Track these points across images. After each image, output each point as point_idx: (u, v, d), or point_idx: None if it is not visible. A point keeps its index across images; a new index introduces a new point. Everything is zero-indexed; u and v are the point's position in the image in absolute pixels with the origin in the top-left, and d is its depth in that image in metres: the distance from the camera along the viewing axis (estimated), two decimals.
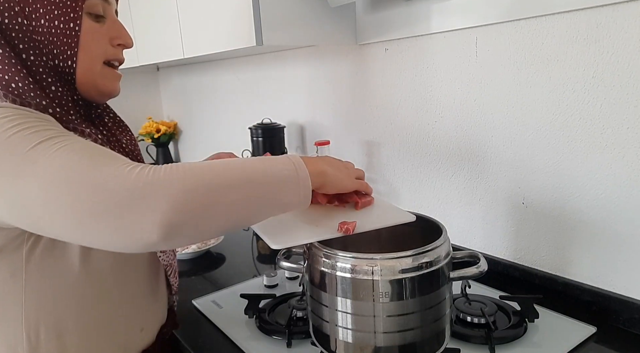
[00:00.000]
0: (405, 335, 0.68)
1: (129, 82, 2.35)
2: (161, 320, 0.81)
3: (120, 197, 0.49)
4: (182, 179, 0.51)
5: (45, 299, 0.63)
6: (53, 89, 0.65)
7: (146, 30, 1.59)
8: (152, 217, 0.49)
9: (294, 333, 0.84)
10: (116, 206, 0.49)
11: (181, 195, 0.50)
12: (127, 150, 0.76)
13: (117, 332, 0.71)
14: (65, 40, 0.64)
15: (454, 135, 1.11)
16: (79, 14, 0.64)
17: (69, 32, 0.64)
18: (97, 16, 0.67)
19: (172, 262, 0.80)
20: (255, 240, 1.43)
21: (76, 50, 0.65)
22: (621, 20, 0.79)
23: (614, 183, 0.85)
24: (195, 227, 0.52)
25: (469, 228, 1.13)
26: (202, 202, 0.52)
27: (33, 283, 0.62)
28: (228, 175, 0.55)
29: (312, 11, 1.17)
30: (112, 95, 0.72)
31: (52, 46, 0.63)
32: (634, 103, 0.81)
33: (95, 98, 0.71)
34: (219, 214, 0.54)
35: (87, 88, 0.68)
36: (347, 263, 0.68)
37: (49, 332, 0.64)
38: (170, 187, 0.50)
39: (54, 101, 0.64)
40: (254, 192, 0.56)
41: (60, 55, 0.64)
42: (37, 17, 0.62)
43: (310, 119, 1.55)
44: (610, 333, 0.85)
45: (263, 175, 0.57)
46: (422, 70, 1.15)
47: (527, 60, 0.94)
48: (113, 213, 0.49)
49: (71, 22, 0.63)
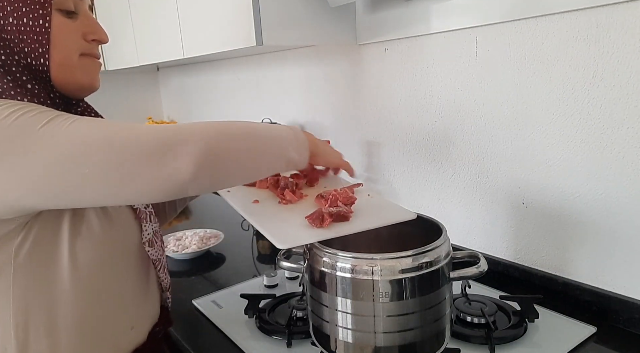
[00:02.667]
0: (405, 335, 0.68)
1: (129, 82, 2.36)
2: (153, 319, 0.80)
3: (155, 146, 0.55)
4: (205, 130, 0.59)
5: (33, 298, 0.63)
6: (29, 87, 0.64)
7: (146, 30, 1.58)
8: (187, 160, 0.55)
9: (294, 333, 0.85)
10: (153, 153, 0.55)
11: (207, 142, 0.58)
12: None
13: (107, 330, 0.70)
14: (36, 38, 0.62)
15: (454, 135, 1.11)
16: (48, 10, 0.63)
17: (38, 30, 0.62)
18: (68, 12, 0.65)
19: (160, 257, 0.80)
20: (255, 240, 1.43)
21: (47, 48, 0.63)
22: (621, 20, 0.79)
23: (614, 183, 0.86)
24: (218, 169, 0.60)
25: (469, 228, 1.13)
26: (223, 147, 0.60)
27: (20, 281, 0.62)
28: (242, 130, 0.64)
29: (312, 11, 1.17)
30: (92, 88, 0.71)
31: (23, 44, 0.62)
32: (634, 103, 0.81)
33: (75, 93, 0.69)
34: (237, 160, 0.62)
35: (64, 83, 0.67)
36: (347, 263, 0.68)
37: (37, 331, 0.64)
38: (197, 135, 0.57)
39: (33, 100, 0.63)
40: (263, 143, 0.65)
41: (31, 53, 0.63)
42: (5, 15, 0.61)
43: (310, 119, 1.56)
44: (610, 333, 0.85)
45: (269, 132, 0.67)
46: (422, 70, 1.15)
47: (527, 60, 0.94)
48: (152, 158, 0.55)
49: (40, 19, 0.62)
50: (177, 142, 0.56)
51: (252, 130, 0.65)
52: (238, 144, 0.62)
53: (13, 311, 0.62)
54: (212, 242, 1.35)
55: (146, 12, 1.55)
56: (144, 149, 0.55)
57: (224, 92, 1.99)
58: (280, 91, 1.66)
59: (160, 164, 0.55)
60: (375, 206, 0.76)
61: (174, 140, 0.56)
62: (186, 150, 0.56)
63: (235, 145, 0.61)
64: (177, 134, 0.57)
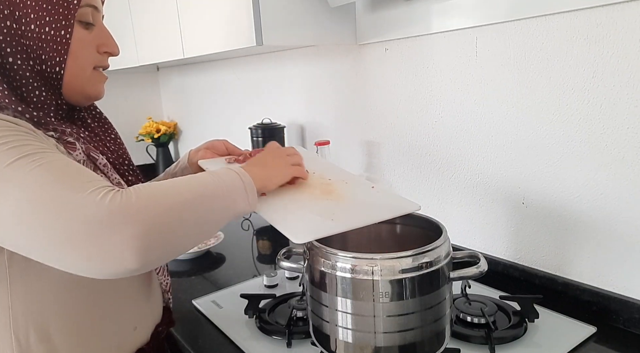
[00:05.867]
0: (405, 335, 0.68)
1: (129, 82, 2.36)
2: (155, 319, 0.80)
3: (96, 226, 0.51)
4: (149, 205, 0.55)
5: (32, 302, 0.63)
6: (37, 93, 0.64)
7: (146, 30, 1.58)
8: (127, 243, 0.52)
9: (294, 333, 0.84)
10: (92, 234, 0.51)
11: (149, 220, 0.54)
12: (112, 149, 0.76)
13: (109, 331, 0.70)
14: (55, 47, 0.63)
15: (454, 135, 1.11)
16: (71, 22, 0.63)
17: (59, 40, 0.63)
18: (87, 24, 0.66)
19: None
20: (255, 240, 1.43)
21: (65, 58, 0.64)
22: (621, 20, 0.79)
23: (614, 183, 0.85)
24: (165, 247, 0.56)
25: (469, 228, 1.13)
26: (168, 223, 0.56)
27: (18, 286, 0.62)
28: (182, 195, 0.59)
29: (312, 11, 1.17)
30: (98, 97, 0.73)
31: (41, 51, 0.63)
32: (634, 103, 0.81)
33: (81, 101, 0.71)
34: (183, 231, 0.58)
35: (73, 93, 0.68)
36: (347, 263, 0.68)
37: (38, 334, 0.64)
38: (139, 213, 0.53)
39: (30, 106, 0.63)
40: (210, 206, 0.62)
41: (48, 61, 0.64)
42: (28, 22, 0.61)
43: (310, 119, 1.56)
44: (610, 333, 0.85)
45: (216, 190, 0.63)
46: (422, 70, 1.15)
47: (527, 60, 0.94)
48: (85, 242, 0.51)
49: (62, 30, 0.63)
50: (114, 224, 0.51)
51: (197, 194, 0.60)
52: (183, 215, 0.58)
53: (13, 317, 0.62)
54: (212, 242, 1.35)
55: (146, 12, 1.56)
56: (83, 227, 0.51)
57: (224, 92, 1.99)
58: (280, 91, 1.66)
59: (92, 247, 0.51)
60: (380, 198, 0.77)
61: (111, 222, 0.51)
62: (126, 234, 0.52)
63: (182, 216, 0.57)
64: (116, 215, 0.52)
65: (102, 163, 0.69)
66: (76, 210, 0.51)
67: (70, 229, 0.51)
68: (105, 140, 0.76)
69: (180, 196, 0.58)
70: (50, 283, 0.64)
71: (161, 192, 0.57)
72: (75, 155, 0.65)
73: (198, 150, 0.91)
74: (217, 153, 0.92)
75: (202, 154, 0.90)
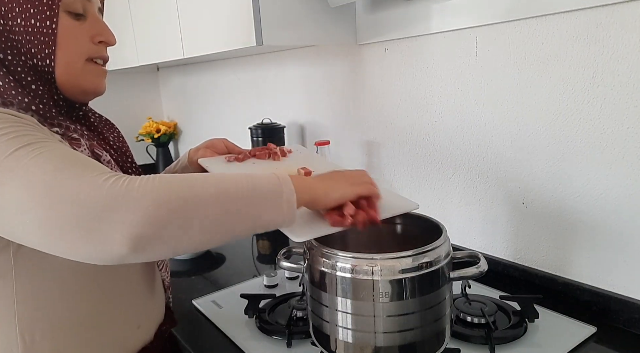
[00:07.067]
0: (405, 335, 0.68)
1: (129, 82, 2.36)
2: (159, 317, 0.80)
3: (92, 210, 0.49)
4: (156, 191, 0.51)
5: (38, 299, 0.63)
6: (33, 87, 0.64)
7: (146, 30, 1.58)
8: (122, 230, 0.49)
9: (294, 333, 0.84)
10: (88, 218, 0.49)
11: (152, 208, 0.49)
12: (115, 147, 0.76)
13: (113, 329, 0.71)
14: (42, 39, 0.63)
15: (454, 135, 1.11)
16: (55, 11, 0.63)
17: (45, 31, 0.63)
18: (76, 14, 0.66)
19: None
20: (255, 240, 1.43)
21: (54, 49, 0.64)
22: (621, 20, 0.80)
23: (614, 183, 0.86)
24: (166, 242, 0.51)
25: (469, 228, 1.13)
26: (174, 216, 0.51)
27: (24, 284, 0.62)
28: (204, 189, 0.53)
29: (312, 11, 1.17)
30: (97, 92, 0.71)
31: (30, 45, 0.63)
32: (634, 103, 0.81)
33: (79, 97, 0.70)
34: (192, 229, 0.52)
35: (69, 86, 0.67)
36: (347, 263, 0.68)
37: (43, 332, 0.64)
38: (142, 198, 0.50)
39: (35, 100, 0.63)
40: (230, 207, 0.54)
41: (38, 54, 0.63)
42: (14, 16, 0.61)
43: (310, 119, 1.56)
44: (610, 333, 0.85)
45: (243, 189, 0.55)
46: (422, 70, 1.15)
47: (527, 60, 0.94)
48: (85, 226, 0.49)
49: (47, 21, 0.63)
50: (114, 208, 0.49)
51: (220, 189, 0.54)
52: (197, 212, 0.52)
53: (18, 315, 0.63)
54: None
55: (146, 12, 1.56)
56: (78, 210, 0.49)
57: (224, 92, 1.99)
58: (280, 91, 1.66)
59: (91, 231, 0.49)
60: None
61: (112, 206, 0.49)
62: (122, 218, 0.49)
63: (192, 213, 0.52)
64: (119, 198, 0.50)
65: (106, 159, 0.69)
66: (77, 193, 0.50)
67: (69, 212, 0.49)
68: (108, 138, 0.76)
69: (199, 189, 0.53)
70: (56, 281, 0.64)
71: (171, 183, 0.52)
72: (79, 151, 0.65)
73: (198, 149, 0.91)
74: (217, 152, 0.92)
75: (202, 152, 0.91)
